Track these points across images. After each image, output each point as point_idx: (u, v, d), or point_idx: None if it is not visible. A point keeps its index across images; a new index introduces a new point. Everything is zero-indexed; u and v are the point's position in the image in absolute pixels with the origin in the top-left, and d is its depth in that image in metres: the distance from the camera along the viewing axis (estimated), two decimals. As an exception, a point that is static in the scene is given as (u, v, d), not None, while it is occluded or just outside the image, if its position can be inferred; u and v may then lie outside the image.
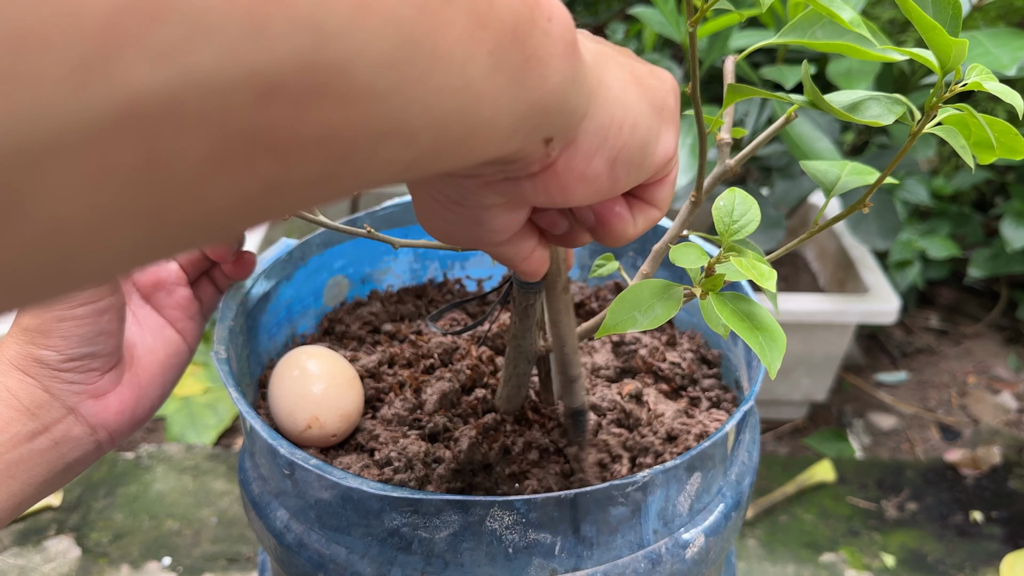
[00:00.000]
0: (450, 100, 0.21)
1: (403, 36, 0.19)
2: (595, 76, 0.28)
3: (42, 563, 0.96)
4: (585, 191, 0.30)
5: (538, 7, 0.24)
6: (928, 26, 0.35)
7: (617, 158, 0.30)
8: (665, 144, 0.32)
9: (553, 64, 0.25)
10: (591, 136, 0.28)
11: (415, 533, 0.42)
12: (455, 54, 0.21)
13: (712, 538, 0.46)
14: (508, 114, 0.24)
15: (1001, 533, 1.05)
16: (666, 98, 0.32)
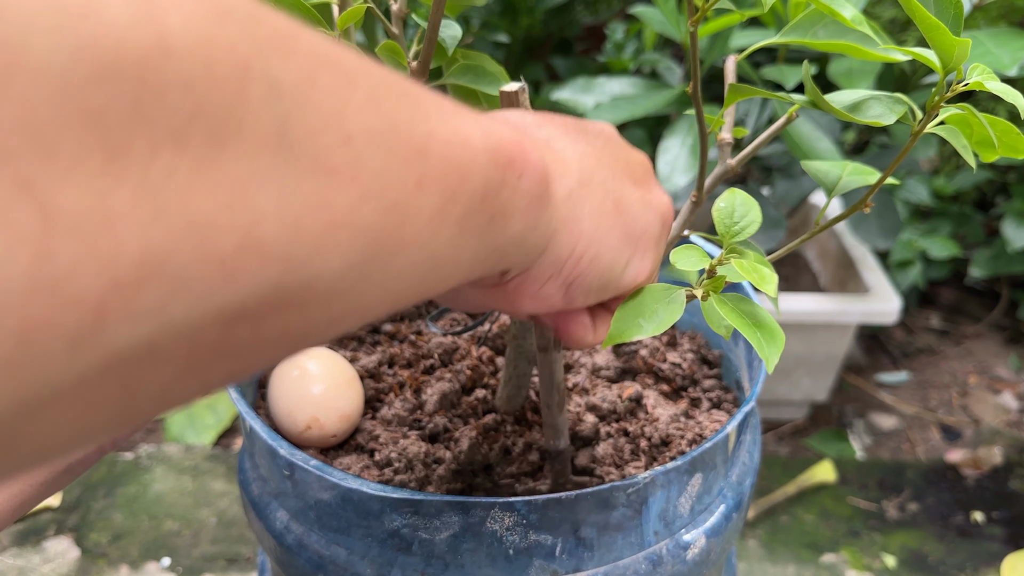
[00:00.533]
0: (410, 276, 0.23)
1: (369, 241, 0.20)
2: (563, 213, 0.29)
3: (41, 563, 0.96)
4: (535, 306, 0.31)
5: (511, 167, 0.25)
6: (931, 25, 0.34)
7: (572, 284, 0.31)
8: (635, 270, 0.34)
9: (517, 216, 0.26)
10: (546, 266, 0.30)
11: (415, 534, 0.42)
12: (420, 237, 0.22)
13: (713, 539, 0.46)
14: (468, 264, 0.25)
15: (1002, 533, 1.05)
16: (648, 227, 0.33)
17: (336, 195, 0.19)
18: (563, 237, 0.29)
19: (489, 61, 0.45)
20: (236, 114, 0.16)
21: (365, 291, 0.21)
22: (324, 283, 0.19)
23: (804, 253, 1.38)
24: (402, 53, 0.40)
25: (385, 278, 0.22)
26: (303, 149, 0.18)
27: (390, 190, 0.21)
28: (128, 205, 0.15)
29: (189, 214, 0.16)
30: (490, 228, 0.25)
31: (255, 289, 0.17)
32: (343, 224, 0.19)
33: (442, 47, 0.43)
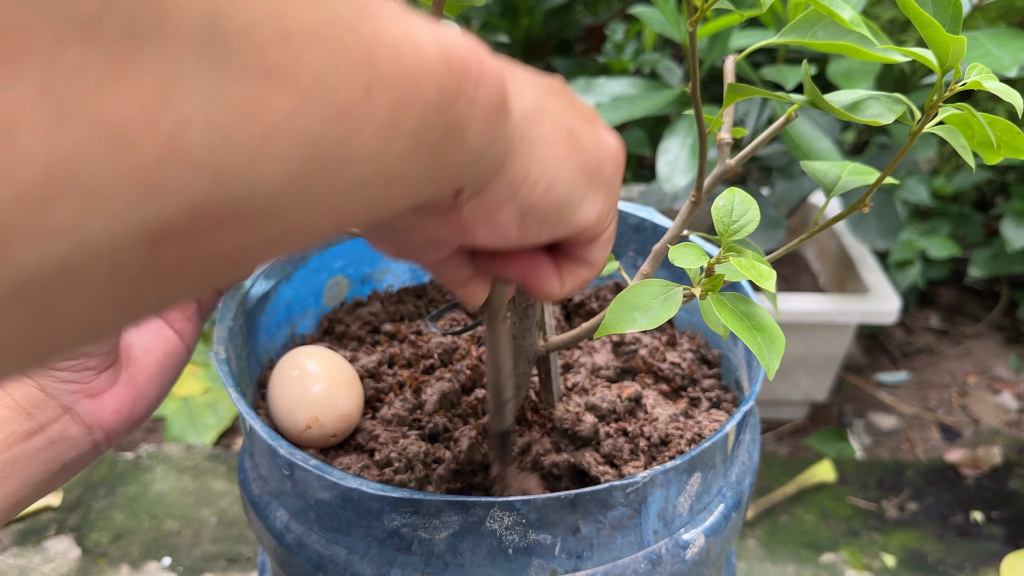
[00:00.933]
0: (357, 194, 0.21)
1: (310, 152, 0.18)
2: (520, 132, 0.28)
3: (42, 563, 0.96)
4: (490, 237, 0.30)
5: (466, 75, 0.24)
6: (926, 23, 0.34)
7: (528, 212, 0.29)
8: (589, 207, 0.32)
9: (473, 129, 0.24)
10: (501, 188, 0.28)
11: (415, 534, 0.42)
12: (368, 150, 0.20)
13: (712, 538, 0.46)
14: (421, 181, 0.23)
15: (1001, 533, 1.05)
16: (602, 164, 0.32)
17: (273, 100, 0.17)
18: (519, 158, 0.28)
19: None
20: (158, 4, 0.15)
21: (308, 208, 0.19)
22: (261, 198, 0.18)
23: (804, 253, 1.38)
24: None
25: (330, 194, 0.20)
26: (235, 47, 0.16)
27: (334, 96, 0.19)
28: (28, 106, 0.13)
29: (103, 118, 0.14)
30: (445, 142, 0.23)
31: (182, 204, 0.16)
32: (281, 133, 0.17)
33: (442, 47, 0.43)
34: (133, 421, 0.48)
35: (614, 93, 1.06)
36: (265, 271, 0.57)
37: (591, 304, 0.66)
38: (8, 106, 0.13)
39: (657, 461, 0.51)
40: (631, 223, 0.66)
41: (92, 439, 0.46)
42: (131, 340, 0.49)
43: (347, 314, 0.65)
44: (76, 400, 0.45)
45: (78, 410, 0.45)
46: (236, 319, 0.53)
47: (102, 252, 0.15)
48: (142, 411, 0.48)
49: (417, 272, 0.70)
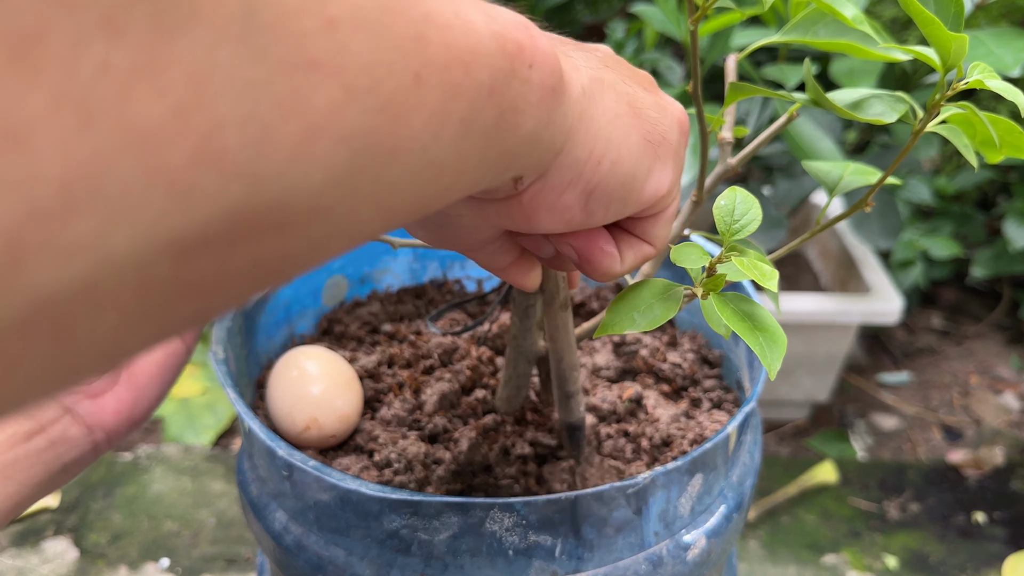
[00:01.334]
0: (406, 188, 0.19)
1: (356, 149, 0.17)
2: (578, 110, 0.26)
3: (40, 564, 0.96)
4: (554, 221, 0.28)
5: (520, 55, 0.22)
6: (927, 21, 0.34)
7: (593, 193, 0.28)
8: (657, 181, 0.30)
9: (529, 112, 0.23)
10: (564, 171, 0.27)
11: (414, 535, 0.42)
12: (418, 141, 0.19)
13: (713, 540, 0.46)
14: (474, 171, 0.22)
15: (1003, 534, 1.05)
16: (667, 132, 0.30)
17: (316, 94, 0.16)
18: (580, 137, 0.26)
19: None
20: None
21: (353, 208, 0.18)
22: (303, 201, 0.16)
23: (805, 253, 1.38)
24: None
25: (377, 191, 0.18)
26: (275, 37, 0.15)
27: (382, 86, 0.17)
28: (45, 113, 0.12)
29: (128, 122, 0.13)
30: (499, 126, 0.22)
31: (216, 211, 0.14)
32: (324, 129, 0.16)
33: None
34: (133, 421, 0.48)
35: (615, 92, 1.06)
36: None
37: (591, 304, 0.66)
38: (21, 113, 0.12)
39: (659, 462, 0.51)
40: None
41: (93, 440, 0.46)
42: None
43: (346, 314, 0.65)
44: (77, 401, 0.45)
45: (79, 411, 0.45)
46: (235, 319, 0.53)
47: (128, 268, 0.14)
48: (142, 411, 0.48)
49: (417, 272, 0.70)
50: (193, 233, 0.14)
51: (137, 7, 0.13)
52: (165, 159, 0.13)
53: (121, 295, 0.14)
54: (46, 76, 0.12)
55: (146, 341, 0.16)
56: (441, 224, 0.30)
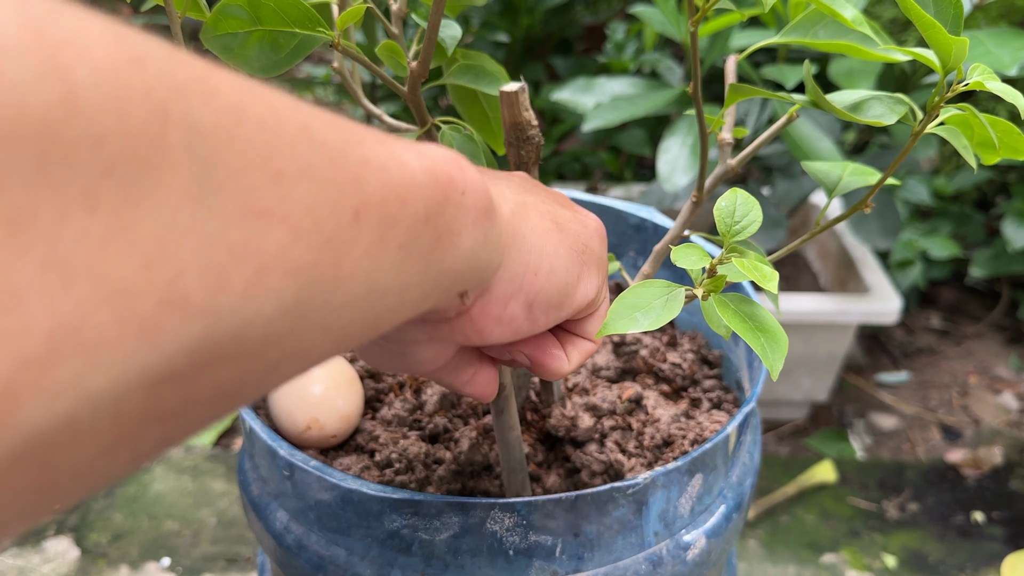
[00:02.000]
0: (352, 312, 0.21)
1: (303, 282, 0.19)
2: (510, 229, 0.29)
3: (41, 563, 0.96)
4: (502, 332, 0.31)
5: (451, 185, 0.25)
6: (928, 24, 0.34)
7: (534, 302, 0.31)
8: (586, 285, 0.33)
9: (465, 233, 0.25)
10: (505, 284, 0.29)
11: (415, 535, 0.42)
12: (359, 268, 0.21)
13: (713, 539, 0.46)
14: (418, 289, 0.24)
15: (1002, 534, 1.05)
16: (589, 242, 0.33)
17: (265, 238, 0.18)
18: (515, 253, 0.29)
19: (489, 61, 0.45)
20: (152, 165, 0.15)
21: (304, 334, 0.20)
22: (256, 331, 0.18)
23: (804, 253, 1.38)
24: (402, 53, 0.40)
25: (324, 317, 0.20)
26: (228, 193, 0.17)
27: (324, 225, 0.19)
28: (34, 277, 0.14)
29: (102, 279, 0.15)
30: (437, 248, 0.24)
31: (181, 347, 0.16)
32: (273, 267, 0.18)
33: (442, 47, 0.43)
34: None
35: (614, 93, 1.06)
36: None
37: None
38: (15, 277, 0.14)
39: (658, 462, 0.51)
40: (632, 223, 0.66)
41: None
42: None
43: (347, 314, 0.65)
44: None
45: None
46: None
47: (105, 402, 0.16)
48: None
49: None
50: (161, 368, 0.16)
51: (108, 181, 0.15)
52: (135, 307, 0.15)
53: (98, 426, 0.16)
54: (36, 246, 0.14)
55: (121, 467, 0.18)
56: (402, 354, 0.33)
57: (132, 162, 0.15)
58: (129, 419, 0.16)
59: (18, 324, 0.14)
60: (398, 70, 0.41)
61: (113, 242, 0.15)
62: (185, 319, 0.16)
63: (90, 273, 0.15)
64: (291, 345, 0.20)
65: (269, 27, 0.36)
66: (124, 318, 0.15)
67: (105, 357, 0.15)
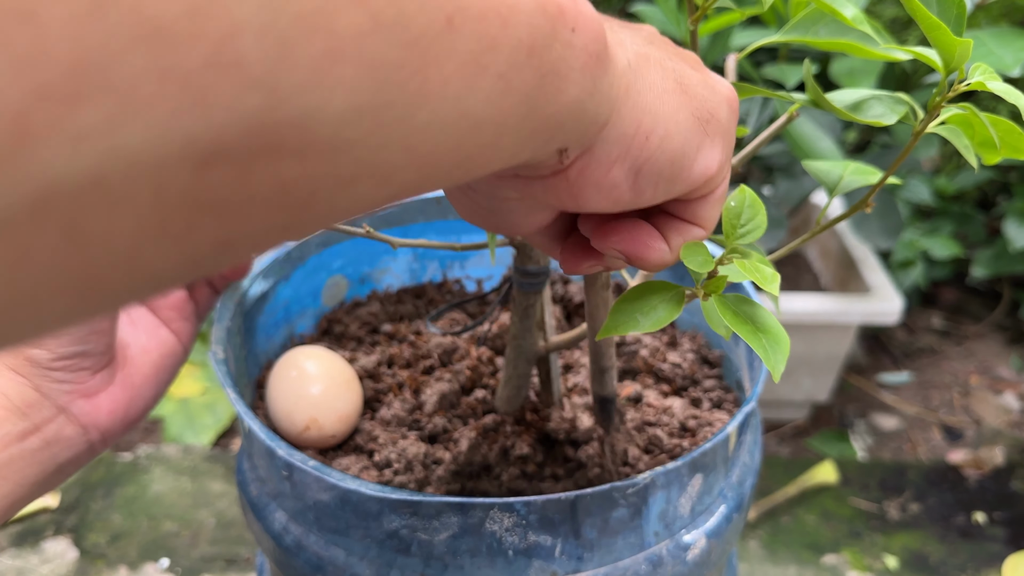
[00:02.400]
0: (439, 135, 0.19)
1: (381, 80, 0.17)
2: (624, 82, 0.25)
3: (39, 564, 0.96)
4: (602, 199, 0.27)
5: (561, 17, 0.22)
6: (932, 25, 0.34)
7: (641, 169, 0.27)
8: (706, 159, 0.29)
9: (572, 78, 0.23)
10: (611, 144, 0.26)
11: (414, 535, 0.42)
12: (451, 87, 0.19)
13: (714, 540, 0.46)
14: (513, 135, 0.22)
15: (1004, 534, 1.05)
16: (716, 110, 0.29)
17: (338, 17, 0.16)
18: (626, 110, 0.26)
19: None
20: None
21: (382, 146, 0.18)
22: (326, 125, 0.16)
23: (805, 253, 1.38)
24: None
25: (407, 133, 0.18)
26: None
27: (412, 22, 0.17)
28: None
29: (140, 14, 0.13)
30: (541, 90, 0.21)
31: (233, 119, 0.14)
32: (347, 55, 0.16)
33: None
34: (129, 421, 0.47)
35: (615, 92, 1.06)
36: (263, 271, 0.57)
37: (592, 304, 0.66)
38: None
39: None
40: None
41: (88, 439, 0.45)
42: (127, 340, 0.48)
43: (346, 314, 0.64)
44: (71, 400, 0.45)
45: (73, 410, 0.45)
46: (234, 319, 0.53)
47: (143, 166, 0.14)
48: (138, 411, 0.48)
49: (416, 272, 0.70)
50: (209, 140, 0.14)
51: None
52: (178, 59, 0.13)
53: (137, 196, 0.14)
54: None
55: (170, 262, 0.15)
56: (492, 209, 0.30)
57: None
58: (174, 198, 0.14)
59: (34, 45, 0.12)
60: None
61: None
62: (239, 86, 0.14)
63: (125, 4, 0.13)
64: (367, 156, 0.17)
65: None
66: (165, 68, 0.13)
67: (141, 108, 0.13)
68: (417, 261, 0.69)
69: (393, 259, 0.68)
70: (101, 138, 0.13)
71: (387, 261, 0.68)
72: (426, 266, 0.70)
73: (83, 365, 0.44)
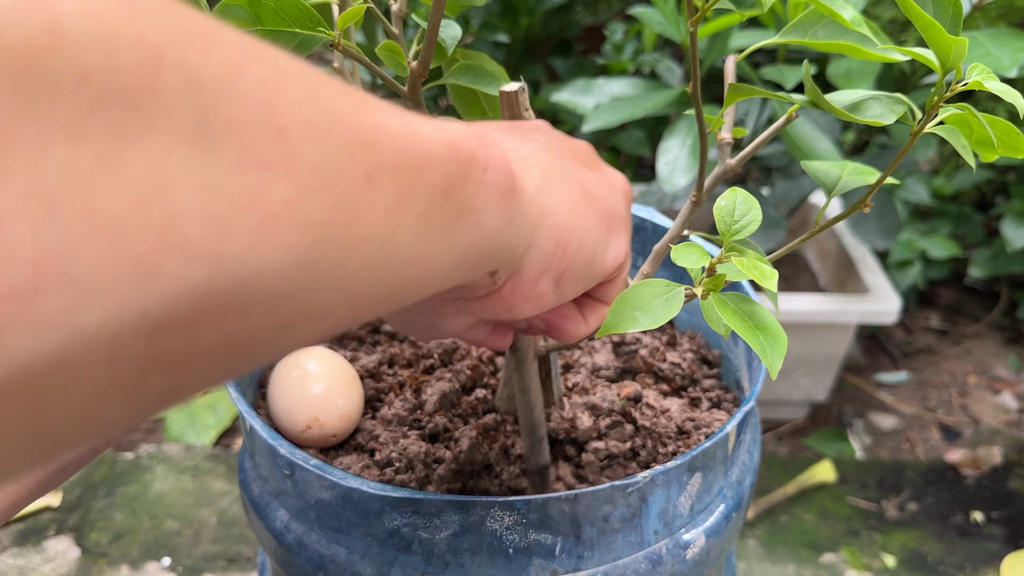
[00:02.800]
0: (369, 276, 0.21)
1: (314, 238, 0.18)
2: (538, 206, 0.29)
3: (42, 563, 0.96)
4: (532, 308, 0.31)
5: (472, 161, 0.24)
6: (927, 24, 0.34)
7: (563, 276, 0.31)
8: (615, 251, 0.33)
9: (488, 211, 0.25)
10: (536, 263, 0.29)
11: (415, 533, 0.42)
12: (376, 233, 0.20)
13: (713, 539, 0.46)
14: (440, 265, 0.24)
15: (1001, 533, 1.05)
16: (615, 207, 0.33)
17: (270, 189, 0.17)
18: (545, 231, 0.29)
19: (489, 61, 0.45)
20: (144, 106, 0.15)
21: (319, 293, 0.19)
22: (266, 283, 0.18)
23: (804, 253, 1.38)
24: (402, 53, 0.40)
25: (340, 278, 0.20)
26: (227, 143, 0.17)
27: (334, 184, 0.19)
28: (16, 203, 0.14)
29: (92, 213, 0.14)
30: (459, 224, 0.24)
31: (182, 291, 0.16)
32: (281, 219, 0.18)
33: (442, 47, 0.43)
34: None
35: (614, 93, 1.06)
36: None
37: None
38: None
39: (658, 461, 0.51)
40: (631, 223, 0.66)
41: None
42: None
43: (347, 314, 0.65)
44: None
45: None
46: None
47: (100, 342, 0.15)
48: None
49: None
50: (161, 312, 0.16)
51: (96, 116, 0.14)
52: (130, 245, 0.15)
53: (93, 368, 0.15)
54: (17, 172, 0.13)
55: (120, 415, 0.17)
56: (430, 325, 0.33)
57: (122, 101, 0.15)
58: (128, 364, 0.16)
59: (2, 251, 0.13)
60: (398, 70, 0.41)
61: (102, 177, 0.15)
62: (186, 262, 0.16)
63: (78, 205, 0.14)
64: (305, 305, 0.19)
65: (270, 27, 0.36)
66: (118, 256, 0.15)
67: (98, 294, 0.15)
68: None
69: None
70: (63, 323, 0.14)
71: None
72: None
73: None
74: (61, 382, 0.15)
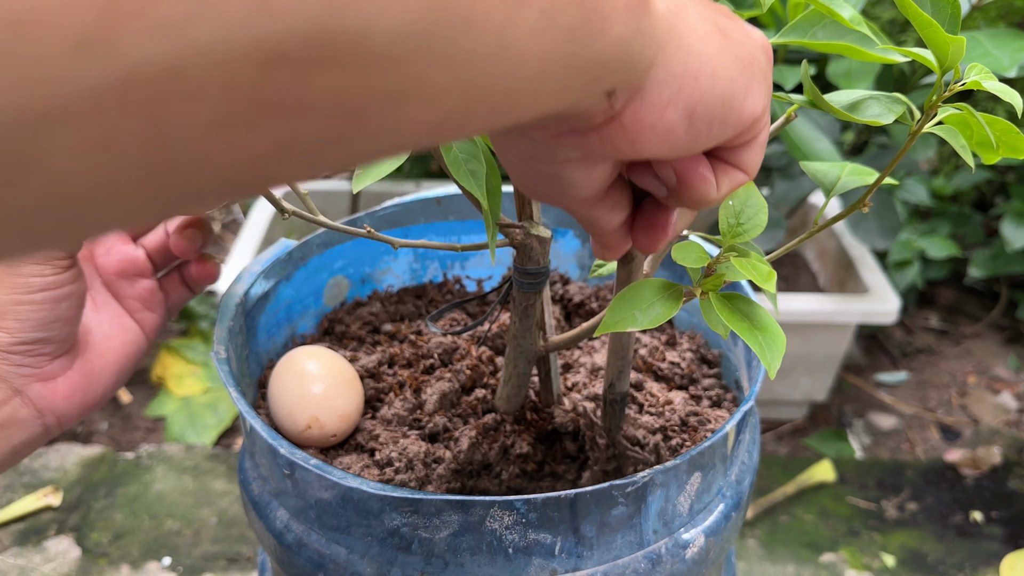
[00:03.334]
0: (483, 64, 0.20)
1: (428, 4, 0.18)
2: (666, 24, 0.26)
3: (42, 563, 0.96)
4: (658, 144, 0.28)
5: None
6: (925, 24, 0.35)
7: (695, 110, 0.28)
8: (753, 100, 0.30)
9: (615, 16, 0.23)
10: (661, 86, 0.27)
11: (415, 533, 0.42)
12: (493, 15, 0.19)
13: (712, 538, 0.46)
14: (559, 71, 0.22)
15: (1001, 533, 1.05)
16: (755, 55, 0.30)
17: None
18: (672, 51, 0.26)
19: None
20: None
21: (428, 67, 0.19)
22: (379, 41, 0.17)
23: (803, 253, 1.38)
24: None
25: (452, 57, 0.19)
26: None
27: None
28: None
29: None
30: (584, 28, 0.22)
31: (294, 26, 0.16)
32: None
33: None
34: (86, 407, 0.47)
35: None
36: (265, 271, 0.57)
37: (591, 304, 0.66)
38: None
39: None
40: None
41: (43, 423, 0.45)
42: (90, 326, 0.48)
43: (347, 314, 0.65)
44: (27, 383, 0.44)
45: (29, 393, 0.45)
46: (236, 319, 0.53)
47: (214, 62, 0.15)
48: (95, 398, 0.48)
49: (417, 272, 0.70)
50: (273, 43, 0.16)
51: None
52: None
53: (209, 89, 0.15)
54: None
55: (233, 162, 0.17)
56: (555, 176, 0.30)
57: None
58: (241, 93, 0.16)
59: None
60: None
61: None
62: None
63: None
64: (414, 74, 0.19)
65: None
66: None
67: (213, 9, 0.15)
68: (418, 261, 0.70)
69: (394, 259, 0.69)
70: (179, 31, 0.15)
71: (388, 261, 0.68)
72: (427, 266, 0.70)
73: (43, 351, 0.44)
74: (176, 97, 0.15)
